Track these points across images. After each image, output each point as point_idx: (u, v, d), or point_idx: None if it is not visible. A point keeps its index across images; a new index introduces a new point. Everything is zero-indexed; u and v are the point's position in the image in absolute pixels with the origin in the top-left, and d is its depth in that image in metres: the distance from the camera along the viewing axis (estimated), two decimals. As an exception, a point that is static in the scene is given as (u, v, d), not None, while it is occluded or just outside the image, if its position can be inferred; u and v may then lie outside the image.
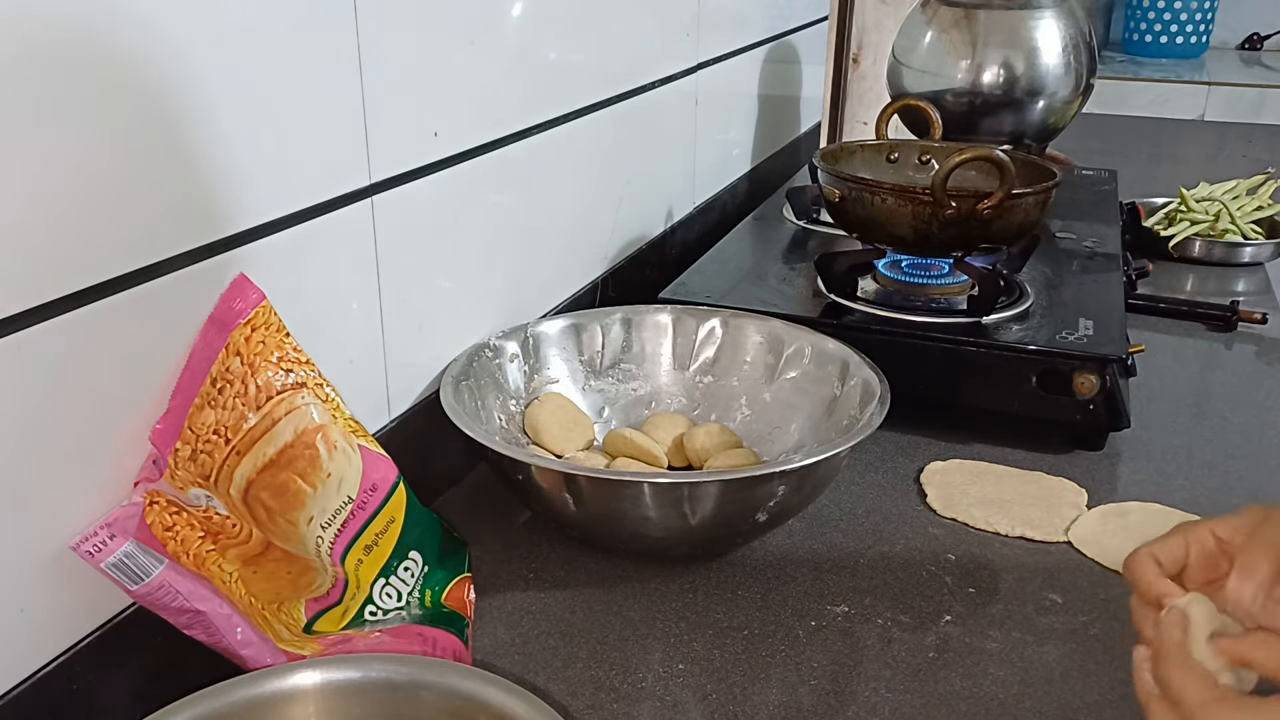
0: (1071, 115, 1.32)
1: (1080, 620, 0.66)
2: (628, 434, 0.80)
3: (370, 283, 0.69)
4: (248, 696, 0.47)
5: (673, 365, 0.88)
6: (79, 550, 0.50)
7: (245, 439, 0.54)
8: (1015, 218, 0.89)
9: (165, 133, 0.52)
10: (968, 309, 0.91)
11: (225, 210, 0.57)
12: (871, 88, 1.32)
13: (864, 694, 0.60)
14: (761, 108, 1.43)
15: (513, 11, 0.80)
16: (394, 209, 0.69)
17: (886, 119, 1.11)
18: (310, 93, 0.61)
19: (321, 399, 0.58)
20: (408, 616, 0.62)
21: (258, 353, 0.55)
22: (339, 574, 0.59)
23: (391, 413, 0.74)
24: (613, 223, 1.03)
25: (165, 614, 0.53)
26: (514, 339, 0.82)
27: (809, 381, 0.82)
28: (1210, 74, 2.64)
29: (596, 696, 0.60)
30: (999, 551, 0.73)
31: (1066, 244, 1.11)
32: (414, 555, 0.63)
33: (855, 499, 0.79)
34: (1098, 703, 0.60)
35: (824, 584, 0.70)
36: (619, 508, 0.67)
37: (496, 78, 0.79)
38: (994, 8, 1.27)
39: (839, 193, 0.94)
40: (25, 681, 0.49)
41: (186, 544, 0.53)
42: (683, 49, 1.13)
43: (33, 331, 0.47)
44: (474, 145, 0.78)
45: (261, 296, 0.57)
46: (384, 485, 0.60)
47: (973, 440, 0.87)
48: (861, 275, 0.98)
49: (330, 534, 0.57)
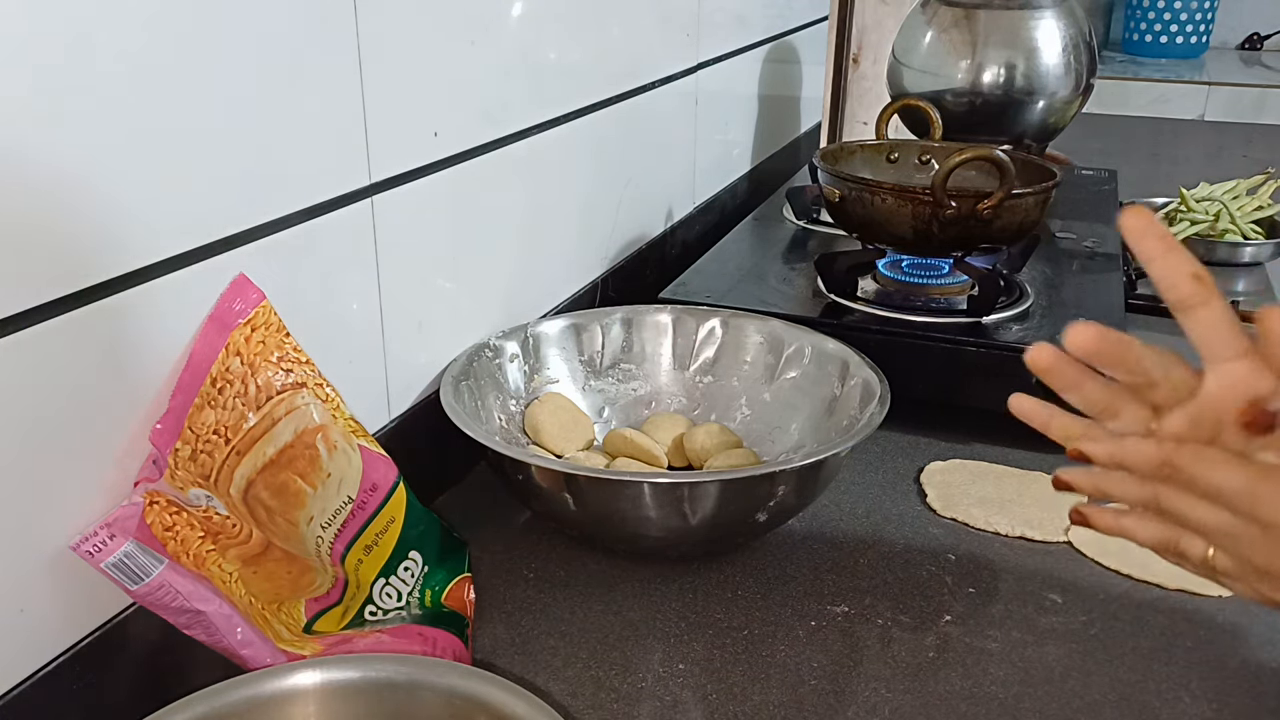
0: (1071, 115, 1.32)
1: (1080, 620, 0.66)
2: (628, 434, 0.80)
3: (370, 283, 0.69)
4: (248, 696, 0.47)
5: (673, 365, 0.88)
6: (79, 550, 0.50)
7: (245, 439, 0.54)
8: (1015, 218, 0.89)
9: (161, 132, 0.52)
10: (968, 309, 0.91)
11: (226, 210, 0.57)
12: (871, 88, 1.32)
13: (864, 694, 0.60)
14: (761, 108, 1.43)
15: (513, 11, 0.80)
16: (394, 209, 0.69)
17: (886, 119, 1.11)
18: (310, 92, 0.61)
19: (321, 399, 0.58)
20: (408, 616, 0.62)
21: (258, 353, 0.55)
22: (339, 574, 0.59)
23: (391, 413, 0.74)
24: (613, 223, 1.03)
25: (165, 614, 0.53)
26: (514, 339, 0.82)
27: (809, 381, 0.82)
28: (1210, 74, 2.64)
29: (596, 696, 0.60)
30: (999, 551, 0.73)
31: (1066, 244, 1.11)
32: (414, 555, 0.63)
33: (855, 499, 0.79)
34: (1098, 703, 0.60)
35: (824, 584, 0.70)
36: (619, 508, 0.67)
37: (496, 78, 0.79)
38: (994, 8, 1.27)
39: (839, 193, 0.94)
40: (25, 681, 0.49)
41: (186, 544, 0.53)
42: (683, 49, 1.13)
43: (33, 331, 0.47)
44: (474, 145, 0.78)
45: (261, 296, 0.57)
46: (384, 485, 0.60)
47: (973, 440, 0.87)
48: (861, 275, 0.98)
49: (330, 534, 0.57)
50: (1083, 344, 0.44)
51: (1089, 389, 0.47)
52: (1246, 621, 0.66)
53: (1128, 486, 0.45)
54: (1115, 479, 0.46)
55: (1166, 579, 0.69)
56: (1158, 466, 0.43)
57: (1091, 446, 0.45)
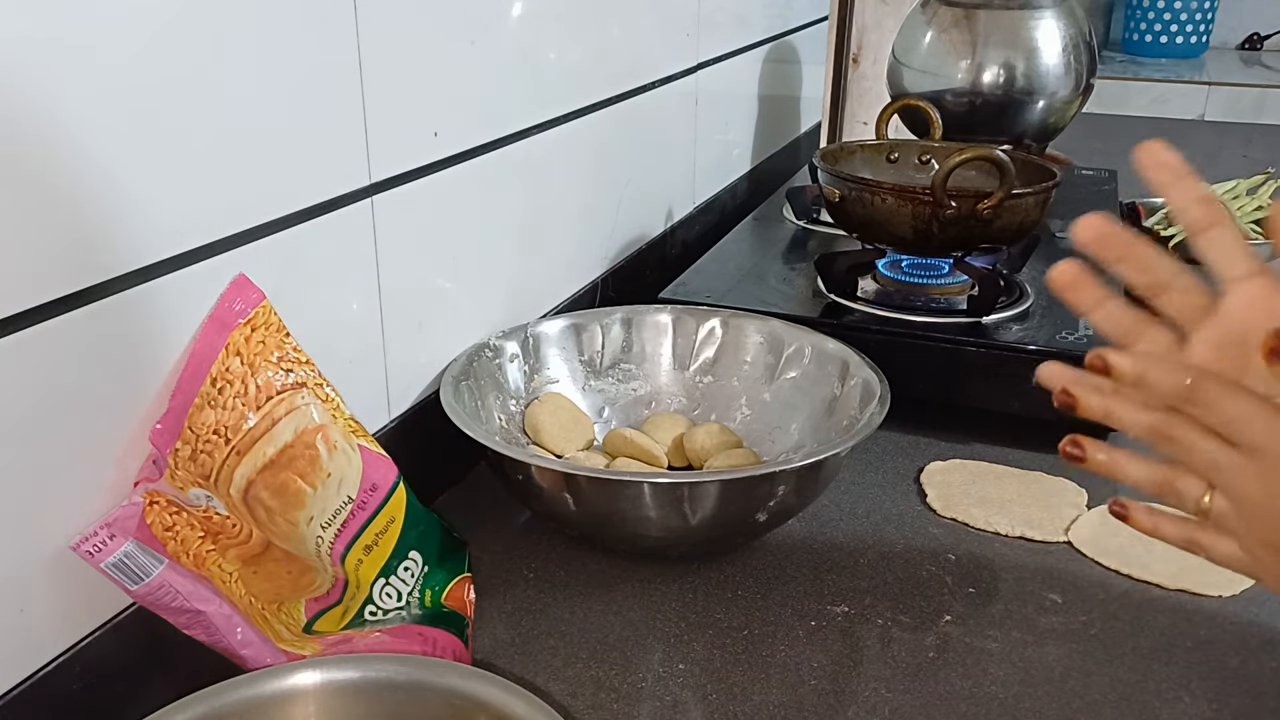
0: (1071, 115, 1.32)
1: (1080, 620, 0.66)
2: (628, 434, 0.80)
3: (370, 283, 0.69)
4: (248, 696, 0.47)
5: (673, 365, 0.88)
6: (79, 550, 0.50)
7: (245, 439, 0.54)
8: (1015, 218, 0.89)
9: (161, 132, 0.52)
10: (968, 309, 0.91)
11: (226, 210, 0.57)
12: (871, 88, 1.32)
13: (864, 694, 0.60)
14: (761, 108, 1.43)
15: (513, 11, 0.80)
16: (394, 209, 0.69)
17: (886, 119, 1.11)
18: (310, 92, 0.61)
19: (321, 399, 0.58)
20: (408, 616, 0.62)
21: (258, 353, 0.55)
22: (339, 574, 0.59)
23: (391, 413, 0.74)
24: (613, 223, 1.03)
25: (165, 614, 0.53)
26: (514, 339, 0.82)
27: (809, 381, 0.82)
28: (1210, 74, 2.63)
29: (596, 696, 0.60)
30: (999, 551, 0.74)
31: (1066, 244, 1.10)
32: (414, 555, 0.63)
33: (855, 499, 0.79)
34: (1098, 703, 0.60)
35: (824, 584, 0.70)
36: (619, 508, 0.67)
37: (496, 78, 0.79)
38: (994, 8, 1.27)
39: (839, 193, 0.94)
40: (25, 681, 0.49)
41: (186, 544, 0.53)
42: (683, 49, 1.13)
43: (33, 331, 0.47)
44: (474, 145, 0.78)
45: (261, 296, 0.57)
46: (384, 485, 0.60)
47: (973, 440, 0.87)
48: (861, 275, 0.98)
49: (330, 534, 0.57)
50: (1090, 232, 0.44)
51: (1111, 307, 0.47)
52: (1246, 621, 0.66)
53: (1136, 412, 0.44)
54: (1125, 402, 0.44)
55: (1166, 579, 0.69)
56: (1181, 390, 0.41)
57: (1117, 357, 0.43)
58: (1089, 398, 0.45)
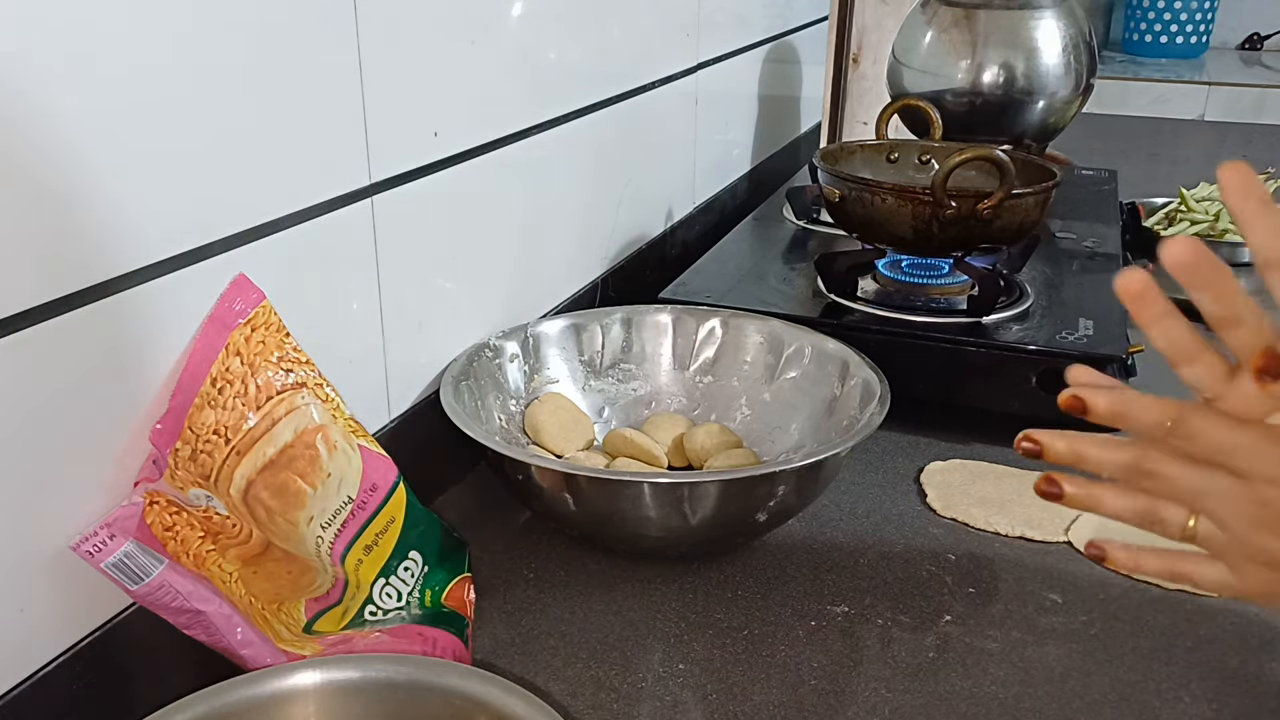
0: (1071, 115, 1.32)
1: (1080, 620, 0.66)
2: (628, 434, 0.80)
3: (370, 283, 0.69)
4: (248, 696, 0.47)
5: (673, 365, 0.88)
6: (79, 550, 0.50)
7: (245, 439, 0.54)
8: (1015, 218, 0.89)
9: (161, 132, 0.52)
10: (968, 309, 0.91)
11: (226, 210, 0.57)
12: (871, 88, 1.33)
13: (864, 694, 0.60)
14: (761, 108, 1.43)
15: (513, 11, 0.80)
16: (394, 209, 0.69)
17: (886, 119, 1.11)
18: (310, 93, 0.61)
19: (321, 399, 0.58)
20: (408, 616, 0.62)
21: (258, 353, 0.55)
22: (339, 574, 0.59)
23: (391, 413, 0.74)
24: (613, 223, 1.03)
25: (165, 614, 0.53)
26: (514, 339, 0.82)
27: (809, 381, 0.82)
28: (1210, 74, 2.63)
29: (596, 696, 0.60)
30: (999, 551, 0.73)
31: (1066, 244, 1.11)
32: (414, 555, 0.63)
33: (855, 499, 0.79)
34: (1098, 703, 0.60)
35: (824, 584, 0.70)
36: (619, 508, 0.67)
37: (497, 78, 0.79)
38: (994, 8, 1.27)
39: (839, 193, 0.94)
40: (25, 681, 0.49)
41: (186, 544, 0.53)
42: (683, 49, 1.13)
43: (33, 331, 0.47)
44: (474, 145, 0.78)
45: (261, 296, 0.57)
46: (384, 485, 0.60)
47: (973, 440, 0.87)
48: (861, 275, 0.98)
49: (330, 534, 0.57)
50: (1181, 255, 0.42)
51: (1171, 326, 0.45)
52: (1246, 621, 0.66)
53: (1109, 451, 0.44)
54: (1096, 442, 0.44)
55: (1166, 579, 0.69)
56: (1159, 425, 0.41)
57: (1094, 396, 0.44)
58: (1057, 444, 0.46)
